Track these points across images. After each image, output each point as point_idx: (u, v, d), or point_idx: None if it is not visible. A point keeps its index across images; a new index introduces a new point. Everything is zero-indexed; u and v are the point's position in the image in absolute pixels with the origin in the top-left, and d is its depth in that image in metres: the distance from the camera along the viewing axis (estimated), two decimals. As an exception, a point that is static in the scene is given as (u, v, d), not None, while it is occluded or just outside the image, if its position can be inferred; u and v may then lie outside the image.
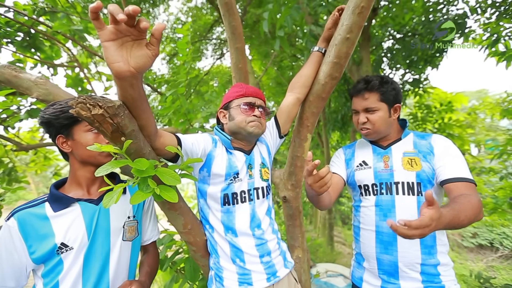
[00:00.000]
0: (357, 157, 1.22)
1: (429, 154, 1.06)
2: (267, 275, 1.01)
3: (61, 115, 0.82)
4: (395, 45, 4.28)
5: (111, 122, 0.58)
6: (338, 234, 9.98)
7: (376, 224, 1.09)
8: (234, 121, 1.02)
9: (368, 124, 1.11)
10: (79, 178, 0.88)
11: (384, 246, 1.06)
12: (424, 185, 1.03)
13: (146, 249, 1.06)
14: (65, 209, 0.83)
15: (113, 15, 0.49)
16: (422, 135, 1.14)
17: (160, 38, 0.54)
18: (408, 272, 1.01)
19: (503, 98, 3.93)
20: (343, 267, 2.83)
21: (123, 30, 0.52)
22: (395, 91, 1.10)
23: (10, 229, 0.77)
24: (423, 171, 1.04)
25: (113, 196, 0.69)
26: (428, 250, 1.01)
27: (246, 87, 1.05)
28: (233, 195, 1.01)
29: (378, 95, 1.09)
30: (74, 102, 0.54)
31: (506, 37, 3.40)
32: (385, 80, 1.10)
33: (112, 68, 0.53)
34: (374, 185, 1.12)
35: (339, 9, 1.09)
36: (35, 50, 2.43)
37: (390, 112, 1.11)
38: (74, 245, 0.81)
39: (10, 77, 1.08)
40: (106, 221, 0.88)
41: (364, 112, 1.12)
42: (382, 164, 1.13)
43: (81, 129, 0.84)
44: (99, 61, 3.42)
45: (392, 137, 1.16)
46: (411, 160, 1.07)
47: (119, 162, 0.67)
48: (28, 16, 2.10)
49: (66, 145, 0.86)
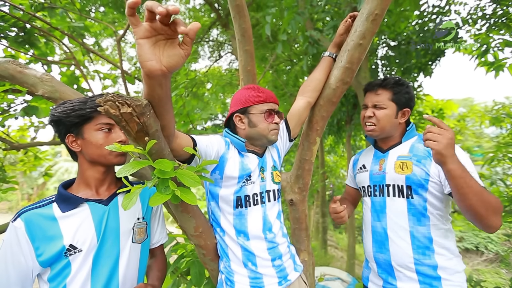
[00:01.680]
0: (360, 161, 1.28)
1: (425, 158, 1.05)
2: (279, 278, 1.00)
3: (72, 113, 0.80)
4: (388, 52, 4.40)
5: (137, 121, 0.57)
6: (330, 238, 10.05)
7: (371, 224, 1.14)
8: (256, 129, 1.00)
9: (374, 119, 1.12)
10: (87, 178, 0.86)
11: (378, 245, 1.10)
12: (415, 188, 1.04)
13: (154, 252, 1.03)
14: (73, 210, 0.80)
15: (150, 12, 0.48)
16: None
17: (194, 38, 0.53)
18: (403, 271, 1.03)
19: (491, 106, 4.08)
20: (340, 270, 2.85)
21: (158, 28, 0.51)
22: (409, 95, 1.10)
23: (17, 230, 0.74)
24: (414, 175, 1.04)
25: (132, 198, 0.67)
26: (422, 250, 1.02)
27: (265, 91, 1.03)
28: (245, 198, 1.00)
29: (390, 94, 1.10)
30: (102, 100, 0.52)
31: (495, 48, 3.55)
32: (401, 82, 1.11)
33: (145, 66, 0.52)
34: (369, 187, 1.18)
35: (351, 16, 1.12)
36: (30, 46, 2.35)
37: (398, 114, 1.11)
38: (83, 247, 0.78)
39: (15, 73, 1.04)
40: (115, 223, 0.85)
41: (372, 107, 1.13)
42: (377, 167, 1.16)
43: (91, 128, 0.82)
44: (97, 59, 3.35)
45: (393, 140, 1.17)
46: (403, 163, 1.08)
47: (141, 162, 0.65)
48: (25, 11, 2.03)
49: (76, 144, 0.83)
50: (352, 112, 5.31)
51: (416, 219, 1.04)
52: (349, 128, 5.48)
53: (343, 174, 10.37)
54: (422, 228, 1.03)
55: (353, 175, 1.33)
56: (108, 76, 2.86)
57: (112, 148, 0.66)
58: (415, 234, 1.03)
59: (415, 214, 1.04)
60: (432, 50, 3.74)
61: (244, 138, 1.03)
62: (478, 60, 3.70)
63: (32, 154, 3.27)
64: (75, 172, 6.10)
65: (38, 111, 1.87)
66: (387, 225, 1.08)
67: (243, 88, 1.07)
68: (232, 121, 1.05)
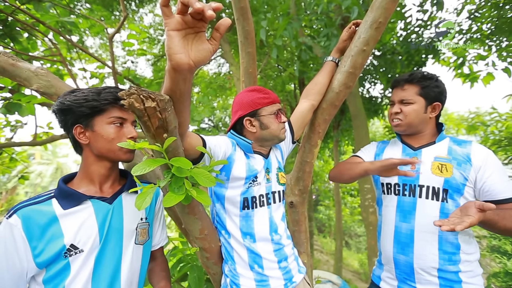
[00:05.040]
0: (386, 153, 1.19)
1: (465, 163, 1.00)
2: (285, 280, 0.99)
3: (84, 103, 0.75)
4: (373, 62, 4.59)
5: (159, 117, 0.55)
6: (315, 242, 10.15)
7: (395, 224, 1.08)
8: (269, 130, 1.00)
9: (401, 115, 1.08)
10: (92, 174, 0.81)
11: (401, 246, 1.05)
12: (451, 192, 0.99)
13: (154, 255, 0.99)
14: (76, 207, 0.75)
15: (184, 5, 0.47)
16: (459, 141, 1.08)
17: (223, 33, 0.53)
18: (424, 275, 1.00)
19: (466, 115, 4.36)
20: (330, 273, 2.88)
21: (189, 22, 0.50)
22: (439, 89, 1.06)
23: (12, 228, 0.68)
24: (454, 179, 0.99)
25: (145, 198, 0.64)
26: (448, 256, 0.98)
27: (269, 92, 1.03)
28: (252, 199, 0.99)
29: (417, 88, 1.06)
30: (125, 92, 0.50)
31: (470, 61, 3.83)
32: (430, 76, 1.06)
33: (173, 59, 0.50)
34: (397, 185, 1.10)
35: (354, 23, 1.15)
36: (10, 40, 2.22)
37: (427, 109, 1.06)
38: (85, 248, 0.73)
39: (7, 66, 0.97)
40: (119, 223, 0.81)
41: (399, 103, 1.09)
42: (409, 165, 1.07)
43: (103, 120, 0.78)
44: (82, 57, 3.21)
45: (425, 139, 1.11)
46: (442, 165, 1.02)
47: (156, 161, 0.63)
48: (8, 3, 1.92)
49: (84, 136, 0.78)
50: (339, 117, 5.46)
51: None
52: (336, 133, 5.62)
53: (327, 179, 10.59)
54: (451, 233, 0.98)
55: (370, 157, 1.24)
56: (95, 74, 2.74)
57: (126, 145, 0.63)
58: (443, 239, 0.99)
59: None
60: (415, 61, 3.95)
61: (250, 140, 1.02)
62: (455, 71, 3.97)
63: (7, 155, 3.05)
64: (49, 175, 5.83)
65: (21, 109, 1.75)
66: (414, 227, 1.02)
67: (247, 91, 1.05)
68: (240, 125, 1.03)
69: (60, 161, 16.29)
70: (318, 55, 3.10)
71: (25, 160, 3.32)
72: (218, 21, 0.52)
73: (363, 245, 10.84)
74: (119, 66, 5.40)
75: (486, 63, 3.61)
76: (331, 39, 2.51)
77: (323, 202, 11.62)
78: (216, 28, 0.52)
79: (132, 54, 2.71)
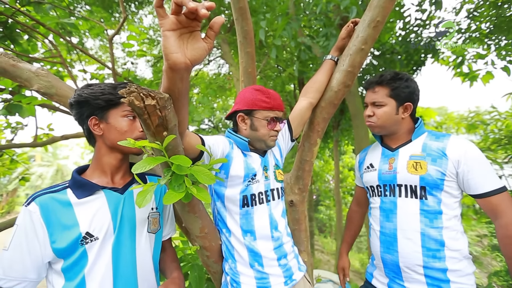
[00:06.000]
0: (367, 160, 1.24)
1: (440, 158, 1.00)
2: (285, 278, 1.00)
3: (101, 96, 0.79)
4: (372, 61, 4.60)
5: (159, 115, 0.55)
6: (316, 242, 10.14)
7: (380, 224, 1.11)
8: (256, 133, 1.01)
9: (373, 118, 1.10)
10: (104, 165, 0.84)
11: (386, 246, 1.07)
12: (429, 189, 1.00)
13: (163, 245, 1.01)
14: (89, 197, 0.78)
15: (177, 5, 0.48)
16: (437, 135, 1.08)
17: (218, 32, 0.54)
18: (410, 273, 1.01)
19: (466, 114, 4.36)
20: (331, 273, 2.88)
21: (183, 21, 0.51)
22: (409, 89, 1.06)
23: (31, 214, 0.70)
24: (429, 175, 1.00)
25: (146, 196, 0.65)
26: (432, 253, 0.98)
27: (272, 97, 1.02)
28: (251, 197, 1.00)
29: (387, 90, 1.06)
30: (125, 91, 0.51)
31: (469, 60, 3.83)
32: (399, 77, 1.06)
33: (170, 58, 0.51)
34: (379, 187, 1.13)
35: (353, 22, 1.16)
36: (10, 42, 2.23)
37: (399, 110, 1.07)
38: (100, 235, 0.76)
39: (7, 66, 0.98)
40: (131, 212, 0.84)
41: (371, 106, 1.11)
42: (386, 166, 1.12)
43: (117, 113, 0.82)
44: (82, 58, 3.22)
45: (401, 138, 1.13)
46: (416, 163, 1.03)
47: (156, 159, 0.63)
48: (9, 5, 1.93)
49: (98, 127, 0.82)
50: (339, 117, 5.47)
51: (428, 220, 1.00)
52: (336, 133, 5.62)
53: (328, 178, 10.58)
54: (434, 230, 0.99)
55: (359, 175, 1.30)
56: (95, 76, 2.75)
57: (126, 144, 0.64)
58: (426, 237, 0.99)
59: (427, 215, 1.00)
60: (414, 60, 3.96)
61: (247, 138, 1.04)
62: (454, 70, 3.98)
63: (8, 157, 3.05)
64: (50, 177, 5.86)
65: (22, 110, 1.76)
66: (397, 226, 1.05)
67: (253, 88, 1.05)
68: (234, 118, 1.06)
69: (60, 163, 16.30)
70: (317, 55, 3.11)
71: (26, 162, 3.33)
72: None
73: (364, 245, 10.83)
74: (119, 67, 5.42)
75: (485, 62, 3.61)
76: (330, 39, 2.52)
77: (324, 202, 11.61)
78: (210, 26, 0.53)
79: (132, 55, 2.72)
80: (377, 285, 1.14)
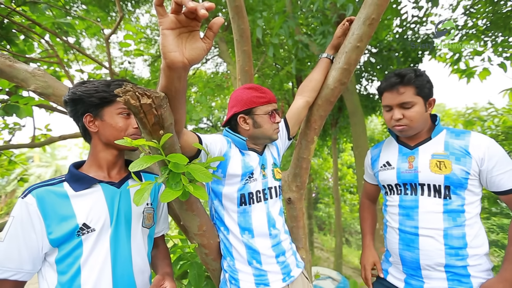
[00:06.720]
0: (382, 157, 1.19)
1: (463, 157, 0.98)
2: (283, 275, 1.01)
3: (95, 94, 0.80)
4: (370, 58, 4.61)
5: (155, 113, 0.56)
6: (315, 240, 10.19)
7: (399, 222, 1.08)
8: (261, 129, 1.01)
9: (404, 120, 1.03)
10: (100, 160, 0.86)
11: (406, 243, 1.05)
12: (454, 188, 0.99)
13: (156, 242, 1.02)
14: (86, 190, 0.79)
15: (177, 4, 0.48)
16: (457, 132, 1.05)
17: (217, 32, 0.54)
18: (431, 270, 1.00)
19: (464, 111, 4.38)
20: (330, 270, 2.90)
21: (183, 21, 0.51)
22: (430, 84, 1.04)
23: (28, 206, 0.71)
24: (454, 174, 0.97)
25: (143, 194, 0.65)
26: (455, 251, 0.97)
27: (266, 91, 1.04)
28: (249, 195, 1.01)
29: (414, 89, 1.02)
30: (121, 90, 0.51)
31: (466, 57, 3.85)
32: (419, 73, 1.03)
33: (168, 57, 0.51)
34: (398, 185, 1.10)
35: (348, 20, 1.16)
36: (7, 42, 2.22)
37: (426, 107, 1.04)
38: (96, 227, 0.77)
39: (4, 67, 0.98)
40: (127, 205, 0.85)
41: (399, 108, 1.04)
42: (406, 165, 1.08)
43: (112, 111, 0.83)
44: (79, 58, 3.21)
45: (421, 136, 1.09)
46: (440, 162, 1.01)
47: (153, 157, 0.64)
48: (4, 5, 1.92)
49: (93, 124, 0.83)
50: (337, 115, 5.48)
51: (451, 219, 0.98)
52: (334, 131, 5.64)
53: (327, 176, 10.61)
54: (456, 228, 0.98)
55: (372, 173, 1.26)
56: (93, 75, 2.74)
57: (123, 143, 0.65)
58: (448, 235, 0.98)
59: (451, 214, 0.99)
60: (411, 58, 3.97)
61: (245, 137, 1.04)
62: (451, 67, 3.99)
63: (6, 158, 3.05)
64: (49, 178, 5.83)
65: (19, 111, 1.76)
66: (418, 224, 1.02)
67: (244, 88, 1.06)
68: (234, 121, 1.05)
69: (59, 163, 16.24)
70: (315, 52, 3.11)
71: (24, 163, 3.32)
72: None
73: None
74: (116, 67, 5.40)
75: (482, 59, 3.63)
76: (327, 36, 2.52)
77: (323, 200, 11.65)
78: (210, 27, 0.53)
79: (129, 54, 2.72)
80: (392, 281, 1.12)
